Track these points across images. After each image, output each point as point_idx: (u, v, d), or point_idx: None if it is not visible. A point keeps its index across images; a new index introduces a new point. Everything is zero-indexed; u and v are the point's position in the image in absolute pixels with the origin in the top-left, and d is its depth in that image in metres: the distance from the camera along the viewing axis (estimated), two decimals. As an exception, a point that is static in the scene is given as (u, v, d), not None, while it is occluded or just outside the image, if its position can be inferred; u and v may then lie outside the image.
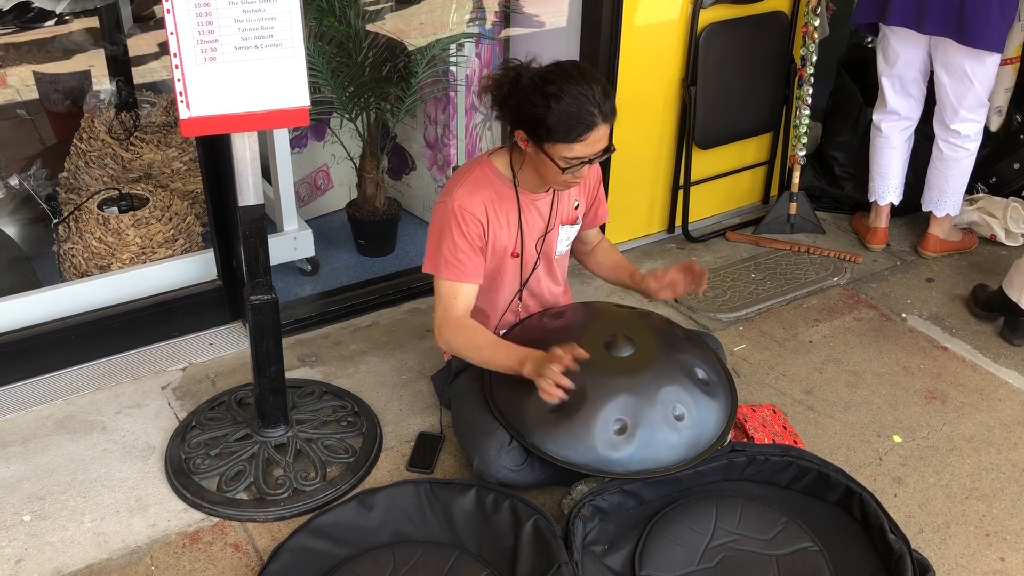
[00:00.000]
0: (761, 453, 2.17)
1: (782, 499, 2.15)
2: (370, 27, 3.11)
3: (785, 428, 2.38)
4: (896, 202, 3.33)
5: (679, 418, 2.07)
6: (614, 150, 2.12)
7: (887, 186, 3.31)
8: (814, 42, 3.30)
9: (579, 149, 2.02)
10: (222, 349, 2.70)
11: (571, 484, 2.11)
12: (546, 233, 2.29)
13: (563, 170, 2.05)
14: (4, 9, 2.38)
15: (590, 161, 2.06)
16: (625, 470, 2.03)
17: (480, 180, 2.17)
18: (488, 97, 2.13)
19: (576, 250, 2.54)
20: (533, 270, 2.33)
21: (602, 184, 2.43)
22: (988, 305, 2.93)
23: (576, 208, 2.34)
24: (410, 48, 3.15)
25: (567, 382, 1.93)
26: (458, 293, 2.16)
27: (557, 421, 2.05)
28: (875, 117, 3.28)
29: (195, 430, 2.34)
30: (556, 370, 1.93)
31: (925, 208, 3.30)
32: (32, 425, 2.39)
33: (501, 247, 2.23)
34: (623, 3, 2.87)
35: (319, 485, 2.19)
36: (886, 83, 3.19)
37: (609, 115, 2.03)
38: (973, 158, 3.18)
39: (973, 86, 3.00)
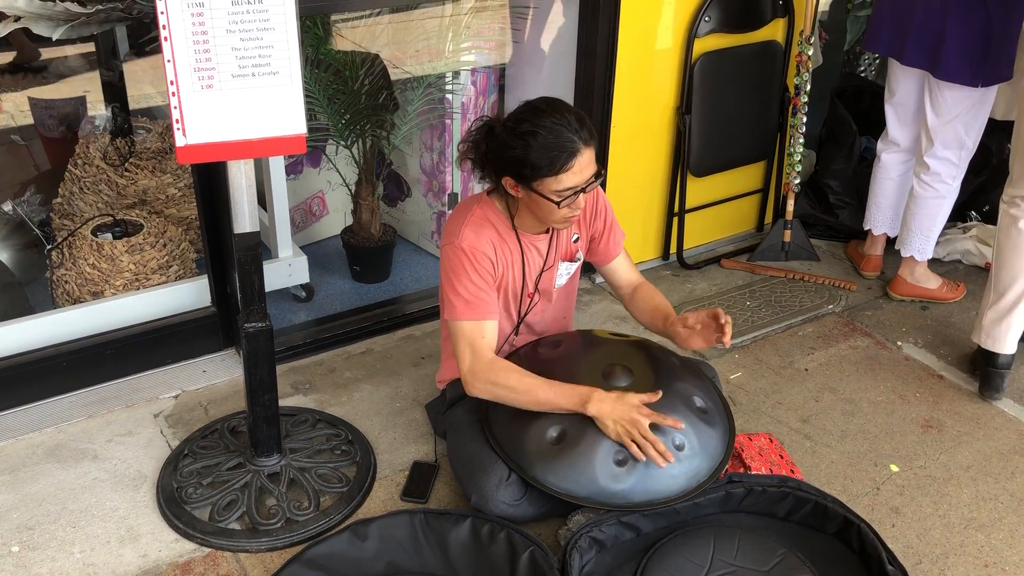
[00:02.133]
0: (758, 484, 2.15)
1: (780, 530, 2.14)
2: (366, 54, 3.12)
3: (782, 457, 2.37)
4: (892, 235, 3.32)
5: (679, 447, 2.06)
6: (604, 174, 2.10)
7: (881, 216, 3.30)
8: (808, 71, 3.32)
9: (567, 179, 2.01)
10: (215, 376, 2.68)
11: (568, 515, 2.09)
12: (543, 270, 2.28)
13: (558, 204, 2.04)
14: (1, 36, 2.39)
15: (583, 190, 2.05)
16: (626, 502, 2.02)
17: (483, 219, 2.16)
18: (469, 162, 2.13)
19: (618, 295, 2.48)
20: (530, 307, 2.32)
21: (608, 211, 2.36)
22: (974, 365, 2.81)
23: (575, 242, 2.33)
24: (406, 76, 3.16)
25: (663, 448, 1.98)
26: (484, 332, 2.12)
27: (557, 454, 2.04)
28: (879, 145, 3.26)
29: (187, 459, 2.31)
30: (646, 428, 1.96)
31: (896, 246, 3.24)
32: (22, 453, 2.36)
33: (505, 286, 2.22)
34: (618, 32, 2.89)
35: (312, 515, 2.17)
36: (889, 111, 3.17)
37: (589, 140, 2.02)
38: (943, 202, 3.09)
39: (953, 121, 2.95)
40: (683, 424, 2.03)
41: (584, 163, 2.02)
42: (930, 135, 3.02)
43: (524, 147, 1.98)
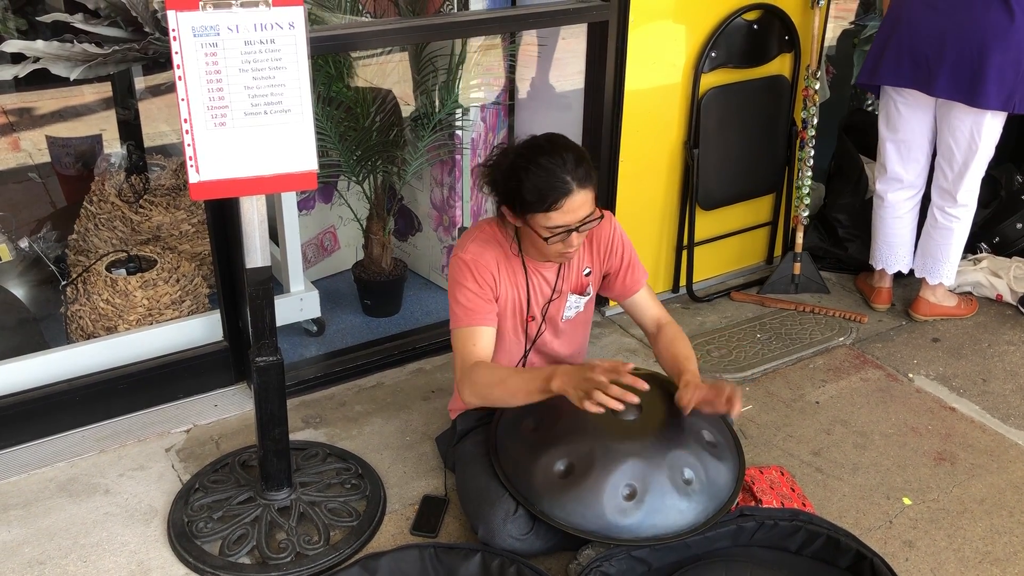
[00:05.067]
0: (770, 518, 2.14)
1: (792, 564, 2.12)
2: (377, 92, 3.17)
3: (793, 490, 2.36)
4: (906, 271, 3.31)
5: (688, 482, 2.05)
6: (601, 218, 2.11)
7: (895, 255, 3.29)
8: (815, 105, 3.34)
9: (557, 217, 2.04)
10: (227, 411, 2.69)
11: (577, 549, 2.08)
12: (551, 300, 2.30)
13: (547, 240, 2.07)
14: (20, 77, 2.44)
15: (576, 229, 2.07)
16: (634, 536, 2.01)
17: (491, 238, 2.21)
18: (487, 186, 2.16)
19: (643, 331, 2.46)
20: (538, 335, 2.33)
21: (627, 249, 2.35)
22: None
23: (587, 275, 2.34)
24: (417, 113, 3.20)
25: (619, 392, 1.88)
26: (477, 339, 2.15)
27: (565, 487, 2.03)
28: (878, 187, 3.25)
29: (198, 493, 2.32)
30: (602, 382, 1.89)
31: (918, 275, 3.27)
32: (35, 488, 2.37)
33: (508, 307, 2.24)
34: (625, 68, 2.93)
35: (322, 549, 2.17)
36: (890, 149, 3.16)
37: (584, 180, 2.03)
38: (969, 226, 3.15)
39: (978, 151, 2.97)
40: (644, 384, 1.94)
41: (577, 204, 2.03)
42: (960, 170, 3.03)
43: (518, 181, 2.03)
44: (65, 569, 2.12)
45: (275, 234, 2.99)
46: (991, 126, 2.94)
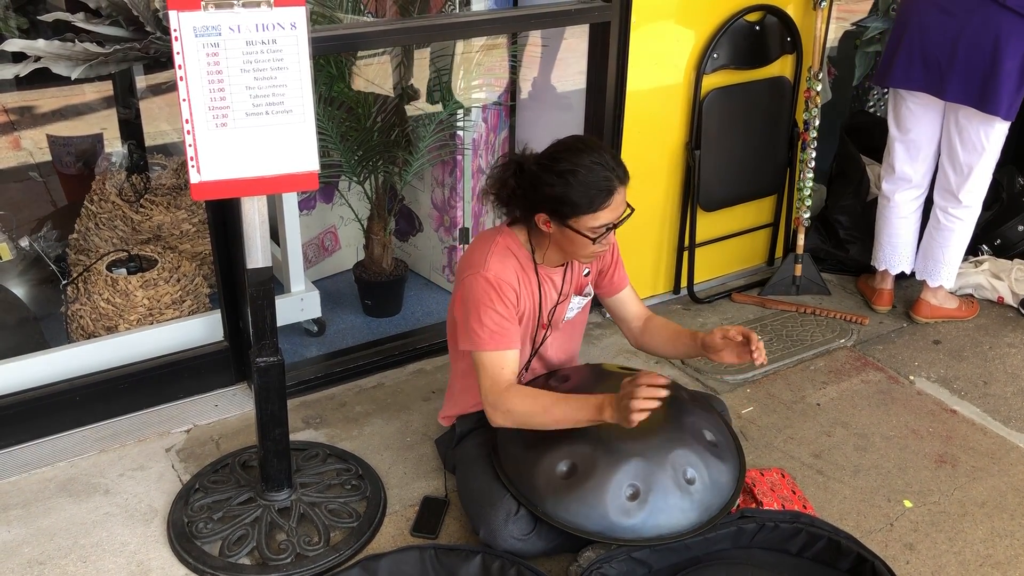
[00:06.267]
0: (771, 519, 2.14)
1: (793, 567, 2.12)
2: (379, 92, 3.17)
3: (794, 492, 2.36)
4: (908, 271, 3.31)
5: (690, 481, 2.05)
6: (633, 211, 2.14)
7: (897, 256, 3.29)
8: (816, 106, 3.34)
9: (604, 216, 2.05)
10: (227, 411, 2.69)
11: (578, 550, 2.08)
12: (557, 304, 2.30)
13: (593, 240, 2.07)
14: (22, 75, 2.44)
15: (615, 226, 2.09)
16: (637, 536, 2.01)
17: (506, 250, 2.18)
18: (492, 197, 2.16)
19: (626, 332, 2.47)
20: (543, 340, 2.33)
21: (614, 246, 2.38)
22: None
23: (586, 276, 2.34)
24: (418, 113, 3.20)
25: (647, 398, 1.92)
26: (505, 363, 2.12)
27: (568, 488, 2.03)
28: (885, 186, 3.24)
29: (198, 493, 2.32)
30: (640, 396, 1.91)
31: (919, 277, 3.27)
32: (35, 488, 2.37)
33: (525, 316, 2.23)
34: (627, 69, 2.92)
35: (322, 550, 2.16)
36: (899, 149, 3.16)
37: (624, 177, 2.07)
38: (971, 230, 3.15)
39: (984, 155, 2.97)
40: (662, 382, 1.97)
41: (620, 200, 2.07)
42: (964, 172, 3.03)
43: (564, 185, 2.02)
44: (65, 569, 2.12)
45: (276, 234, 2.99)
46: (999, 130, 2.95)
